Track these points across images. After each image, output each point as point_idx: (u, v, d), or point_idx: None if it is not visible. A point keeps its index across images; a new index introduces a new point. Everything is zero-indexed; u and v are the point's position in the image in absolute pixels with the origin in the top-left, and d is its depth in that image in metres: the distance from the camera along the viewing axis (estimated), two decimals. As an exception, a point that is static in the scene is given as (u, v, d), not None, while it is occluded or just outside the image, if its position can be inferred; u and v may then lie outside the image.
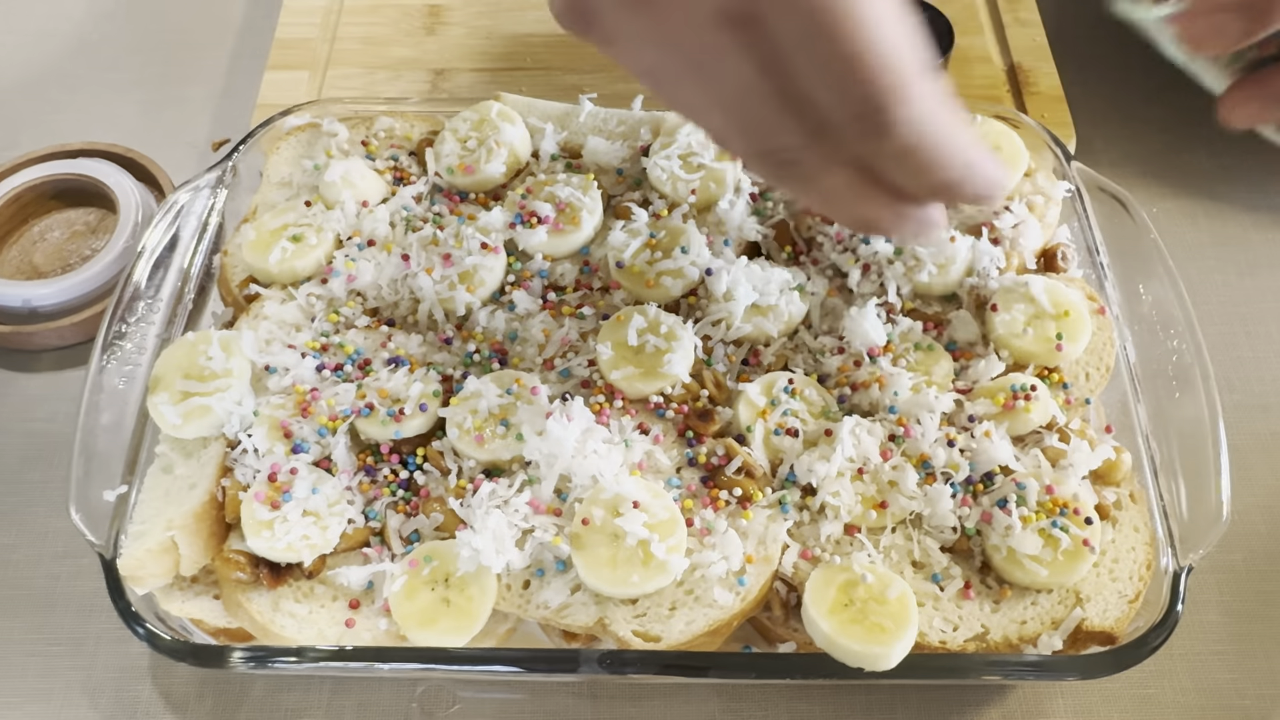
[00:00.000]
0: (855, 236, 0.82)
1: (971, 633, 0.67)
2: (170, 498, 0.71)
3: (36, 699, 0.74)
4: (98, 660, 0.75)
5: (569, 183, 0.84)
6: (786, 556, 0.69)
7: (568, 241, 0.82)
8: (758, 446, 0.72)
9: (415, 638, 0.66)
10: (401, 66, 1.06)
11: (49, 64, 1.12)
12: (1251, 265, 0.95)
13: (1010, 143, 0.86)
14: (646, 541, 0.66)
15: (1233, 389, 0.87)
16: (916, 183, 0.53)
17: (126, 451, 0.74)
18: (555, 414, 0.70)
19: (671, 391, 0.75)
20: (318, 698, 0.73)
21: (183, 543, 0.68)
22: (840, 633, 0.64)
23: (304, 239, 0.82)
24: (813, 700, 0.73)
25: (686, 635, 0.66)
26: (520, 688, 0.73)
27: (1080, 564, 0.67)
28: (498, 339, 0.78)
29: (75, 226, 0.97)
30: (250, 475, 0.70)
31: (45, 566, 0.79)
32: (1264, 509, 0.81)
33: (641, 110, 0.90)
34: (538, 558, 0.68)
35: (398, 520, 0.70)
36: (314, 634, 0.67)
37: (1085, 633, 0.67)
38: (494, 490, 0.69)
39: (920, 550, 0.69)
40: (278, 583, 0.68)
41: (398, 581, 0.66)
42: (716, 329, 0.78)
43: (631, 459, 0.71)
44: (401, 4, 1.12)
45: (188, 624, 0.70)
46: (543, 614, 0.67)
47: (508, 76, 1.05)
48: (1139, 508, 0.72)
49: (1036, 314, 0.77)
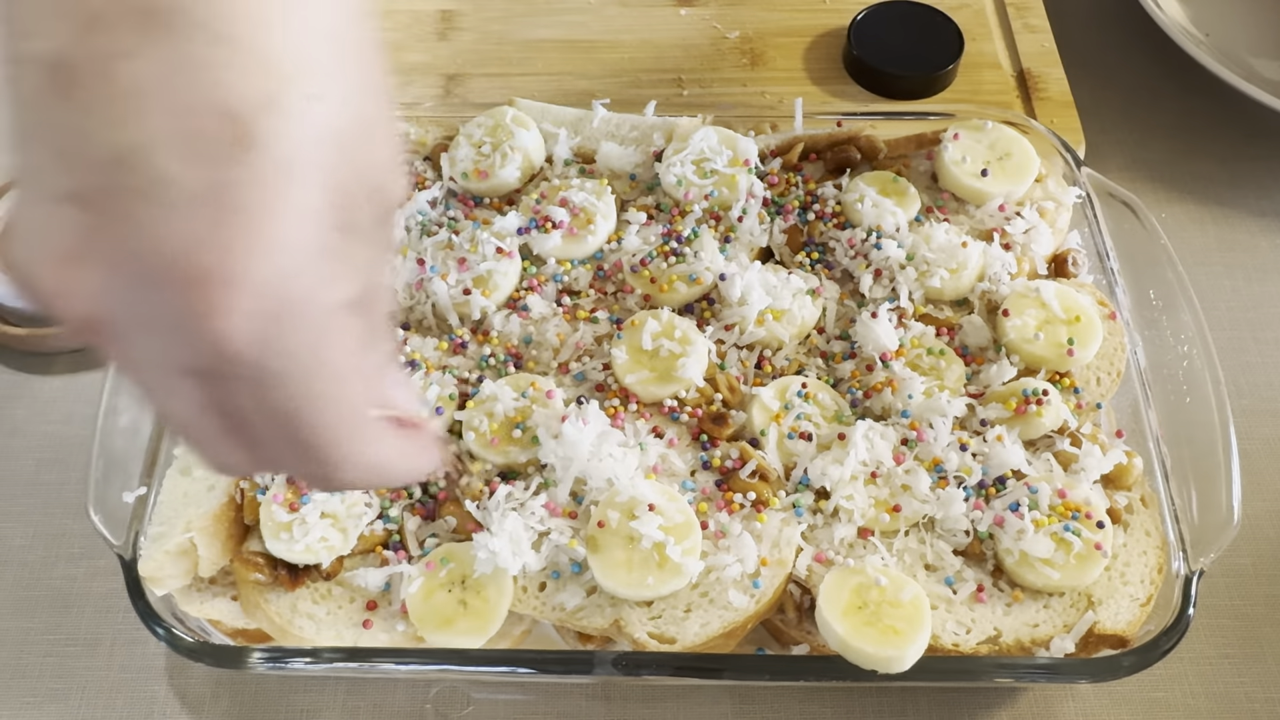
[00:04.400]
0: (867, 241, 0.82)
1: (984, 635, 0.68)
2: (189, 499, 0.71)
3: (53, 699, 0.74)
4: (114, 661, 0.76)
5: (583, 188, 0.85)
6: (800, 559, 0.69)
7: (582, 246, 0.83)
8: (772, 450, 0.73)
9: (432, 639, 0.66)
10: (414, 72, 1.07)
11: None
12: (1261, 270, 0.96)
13: (1021, 149, 0.86)
14: (662, 544, 0.66)
15: (1241, 394, 0.88)
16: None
17: (145, 454, 0.74)
18: (571, 417, 0.71)
19: (686, 395, 0.75)
20: (332, 698, 0.74)
21: (201, 544, 0.69)
22: (854, 635, 0.64)
23: (320, 243, 0.82)
24: (825, 702, 0.73)
25: (701, 637, 0.66)
26: (533, 689, 0.74)
27: (1092, 567, 0.68)
28: (513, 343, 0.79)
29: (90, 230, 0.97)
30: (269, 477, 0.71)
31: (62, 568, 0.80)
32: (1274, 513, 0.82)
33: (654, 116, 0.91)
34: (554, 560, 0.69)
35: (415, 523, 0.71)
36: (332, 635, 0.68)
37: (1097, 636, 0.68)
38: (510, 493, 0.70)
39: (933, 553, 0.70)
40: (296, 584, 0.69)
41: (415, 583, 0.67)
42: (730, 333, 0.78)
43: (646, 462, 0.72)
44: (414, 9, 1.12)
45: (205, 625, 0.70)
46: (558, 616, 0.68)
47: (520, 82, 1.06)
48: (1150, 512, 0.72)
49: (1048, 319, 0.78)
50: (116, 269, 0.38)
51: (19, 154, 0.39)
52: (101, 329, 0.40)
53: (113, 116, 0.37)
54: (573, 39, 1.09)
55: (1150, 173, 1.03)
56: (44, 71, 0.37)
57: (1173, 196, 1.01)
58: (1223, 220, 0.99)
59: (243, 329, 0.38)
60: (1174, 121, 1.06)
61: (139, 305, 0.39)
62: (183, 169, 0.37)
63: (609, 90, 0.96)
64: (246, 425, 0.43)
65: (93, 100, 0.37)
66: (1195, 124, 1.05)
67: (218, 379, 0.41)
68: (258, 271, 0.38)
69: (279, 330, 0.39)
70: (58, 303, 0.39)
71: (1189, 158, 1.03)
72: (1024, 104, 1.02)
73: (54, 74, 0.37)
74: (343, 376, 0.42)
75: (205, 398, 0.42)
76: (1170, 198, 1.01)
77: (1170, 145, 1.04)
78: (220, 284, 0.38)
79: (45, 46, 0.37)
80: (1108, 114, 1.06)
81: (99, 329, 0.40)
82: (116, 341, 0.41)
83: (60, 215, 0.38)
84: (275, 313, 0.39)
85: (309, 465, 0.45)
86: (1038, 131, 0.89)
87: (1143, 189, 1.00)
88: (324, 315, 0.41)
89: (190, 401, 0.43)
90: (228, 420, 0.43)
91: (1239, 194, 1.01)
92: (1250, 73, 1.05)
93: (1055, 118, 1.00)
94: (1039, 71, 1.04)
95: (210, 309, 0.38)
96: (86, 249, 0.38)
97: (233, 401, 0.42)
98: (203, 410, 0.43)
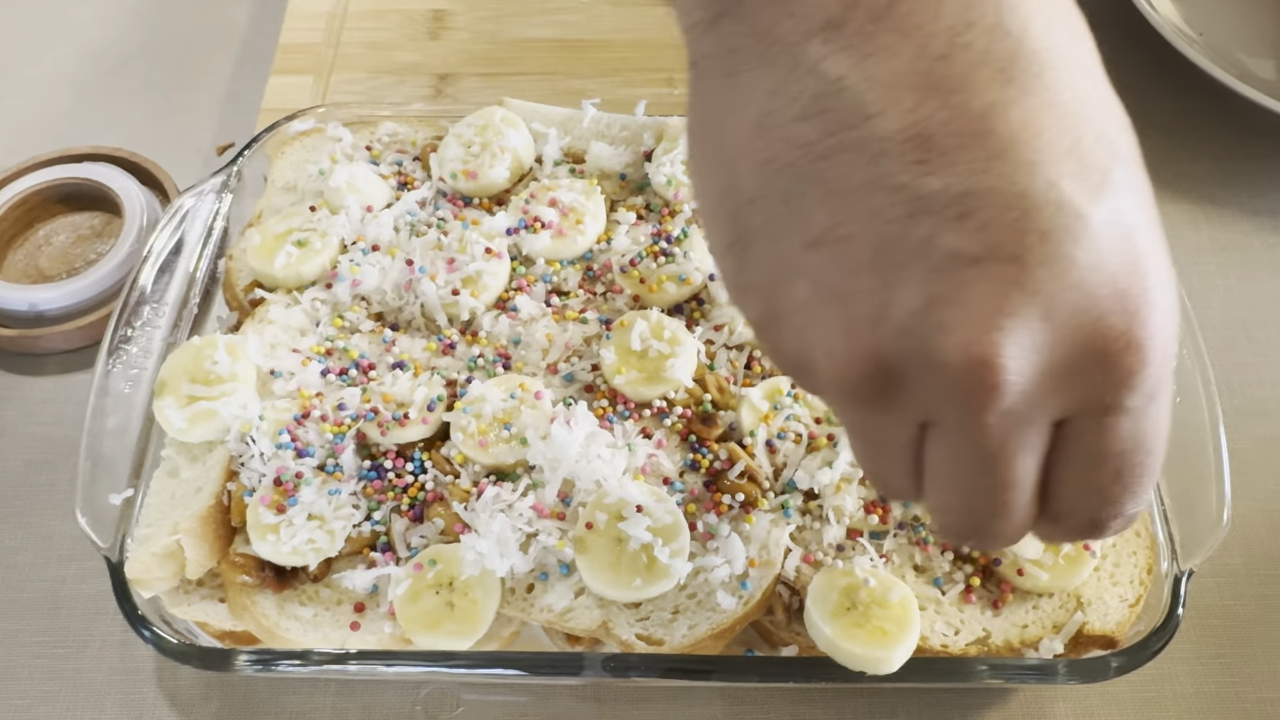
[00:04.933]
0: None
1: (973, 636, 0.67)
2: (176, 501, 0.71)
3: (43, 701, 0.74)
4: (103, 663, 0.76)
5: (572, 188, 0.85)
6: (789, 561, 0.69)
7: (571, 246, 0.83)
8: (760, 451, 0.72)
9: (419, 641, 0.66)
10: (405, 71, 1.07)
11: (55, 69, 1.13)
12: (1253, 270, 0.95)
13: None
14: (650, 546, 0.66)
15: (1233, 393, 0.88)
16: (1094, 495, 0.45)
17: (132, 455, 0.74)
18: (559, 418, 0.71)
19: (675, 396, 0.75)
20: (322, 700, 0.74)
21: (189, 546, 0.69)
22: (842, 636, 0.64)
23: (309, 244, 0.82)
24: (815, 703, 0.73)
25: (690, 639, 0.66)
26: (523, 690, 0.74)
27: (1081, 568, 0.68)
28: (501, 343, 0.79)
29: (81, 231, 0.97)
30: (256, 479, 0.71)
31: (51, 569, 0.80)
32: (1265, 513, 0.82)
33: (645, 116, 0.91)
34: (541, 561, 0.69)
35: (402, 524, 0.70)
36: (319, 637, 0.68)
37: (1086, 636, 0.67)
38: (498, 494, 0.70)
39: (922, 554, 0.70)
40: (283, 586, 0.69)
41: (402, 585, 0.67)
42: (719, 334, 0.78)
43: (635, 463, 0.72)
44: (405, 9, 1.12)
45: (193, 627, 0.70)
46: (546, 617, 0.68)
47: (511, 81, 1.06)
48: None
49: (1038, 319, 0.78)
50: (1047, 323, 0.39)
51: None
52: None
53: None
54: (564, 38, 1.09)
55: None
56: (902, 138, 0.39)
57: (1166, 195, 1.01)
58: (1216, 219, 0.99)
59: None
60: (1167, 121, 1.06)
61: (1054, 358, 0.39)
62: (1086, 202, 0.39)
63: (600, 90, 0.96)
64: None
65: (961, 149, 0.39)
66: (1189, 123, 1.05)
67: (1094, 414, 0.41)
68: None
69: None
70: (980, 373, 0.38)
71: (1182, 157, 1.03)
72: (1016, 103, 1.02)
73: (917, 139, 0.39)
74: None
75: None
76: (1163, 197, 1.00)
77: (1164, 144, 1.04)
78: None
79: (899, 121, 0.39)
80: (1101, 113, 1.05)
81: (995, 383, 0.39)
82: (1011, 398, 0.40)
83: (959, 275, 0.38)
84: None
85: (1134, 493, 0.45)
86: (1029, 131, 0.88)
87: (1135, 188, 1.00)
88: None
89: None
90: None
91: (1233, 193, 1.01)
92: (1244, 72, 1.04)
93: (1048, 117, 1.00)
94: (1031, 70, 1.04)
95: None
96: (1015, 306, 0.38)
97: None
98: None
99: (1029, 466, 0.42)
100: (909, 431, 0.43)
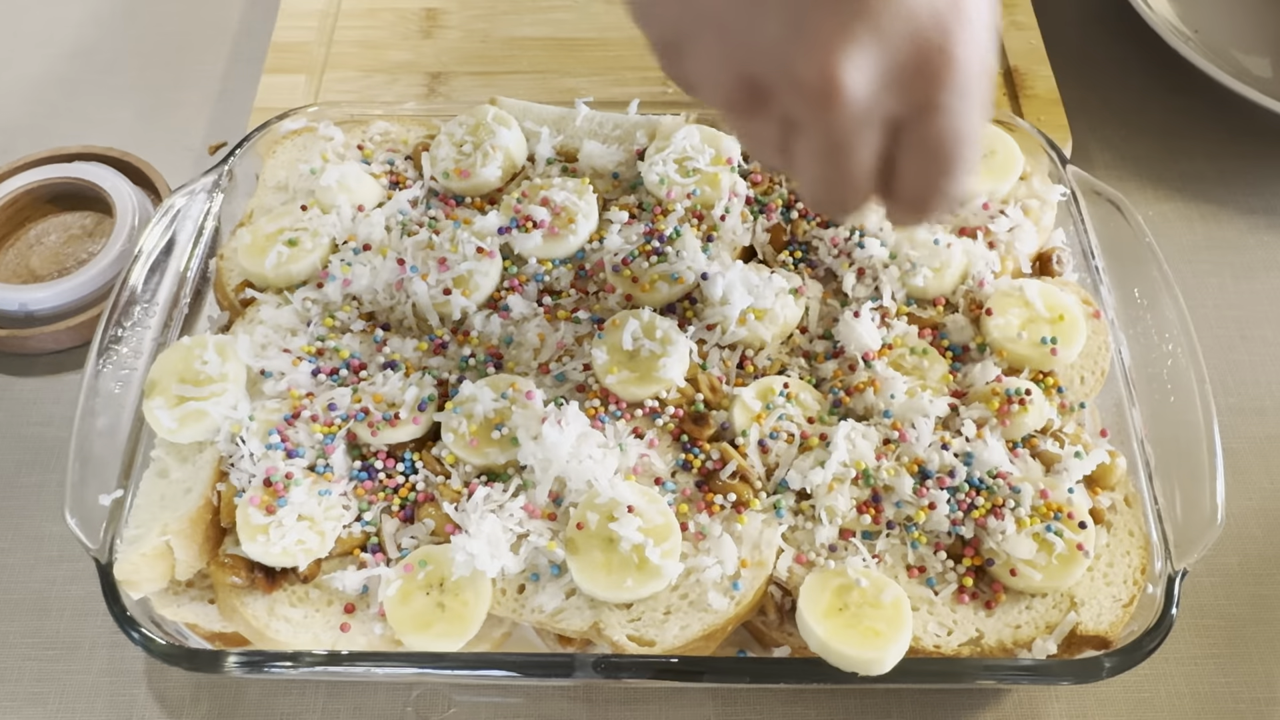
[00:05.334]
0: (850, 240, 0.82)
1: (966, 637, 0.67)
2: (165, 502, 0.71)
3: (32, 702, 0.74)
4: (93, 664, 0.75)
5: (564, 187, 0.85)
6: (781, 561, 0.69)
7: (563, 245, 0.82)
8: (753, 451, 0.72)
9: (410, 642, 0.66)
10: (398, 70, 1.06)
11: (46, 68, 1.12)
12: (1247, 269, 0.95)
13: (1005, 146, 0.86)
14: (641, 546, 0.66)
15: (1228, 392, 0.87)
16: (924, 181, 0.57)
17: (122, 456, 0.74)
18: (550, 418, 0.70)
19: (667, 396, 0.75)
20: (313, 701, 0.73)
21: (178, 547, 0.68)
22: (835, 637, 0.64)
23: (300, 243, 0.82)
24: (807, 704, 0.73)
25: (681, 640, 0.66)
26: (515, 692, 0.73)
27: (1074, 568, 0.68)
28: (493, 343, 0.78)
29: (72, 230, 0.97)
30: (245, 480, 0.70)
31: (41, 571, 0.79)
32: (1259, 512, 0.81)
33: (637, 114, 0.90)
34: (532, 562, 0.69)
35: (393, 525, 0.70)
36: (309, 638, 0.67)
37: (1080, 637, 0.67)
38: (489, 495, 0.69)
39: (914, 555, 0.69)
40: (273, 587, 0.68)
41: (392, 586, 0.66)
42: (712, 333, 0.78)
43: (626, 464, 0.71)
44: (398, 8, 1.12)
45: (183, 628, 0.70)
46: (537, 618, 0.67)
47: (504, 80, 1.05)
48: (1134, 512, 0.72)
49: (1031, 318, 0.77)
50: (880, 45, 0.50)
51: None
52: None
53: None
54: (557, 37, 1.09)
55: (1138, 170, 1.02)
56: None
57: (1161, 194, 1.01)
58: (1211, 218, 0.99)
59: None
60: (1162, 119, 1.05)
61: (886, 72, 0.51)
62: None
63: (594, 88, 0.96)
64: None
65: None
66: (1183, 121, 1.05)
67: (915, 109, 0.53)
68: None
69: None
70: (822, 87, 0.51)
71: (1177, 155, 1.03)
72: (1011, 102, 1.02)
73: None
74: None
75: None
76: (1158, 195, 1.01)
77: (1158, 143, 1.04)
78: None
79: None
80: (1095, 111, 1.05)
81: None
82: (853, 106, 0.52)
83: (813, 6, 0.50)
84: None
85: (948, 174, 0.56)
86: (1023, 129, 0.88)
87: (1130, 187, 1.00)
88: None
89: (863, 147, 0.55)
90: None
91: (1227, 191, 1.01)
92: (1238, 70, 1.04)
93: (1043, 115, 1.00)
94: (1026, 69, 1.04)
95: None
96: (855, 33, 0.50)
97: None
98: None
99: (867, 153, 0.55)
100: (778, 131, 0.56)
